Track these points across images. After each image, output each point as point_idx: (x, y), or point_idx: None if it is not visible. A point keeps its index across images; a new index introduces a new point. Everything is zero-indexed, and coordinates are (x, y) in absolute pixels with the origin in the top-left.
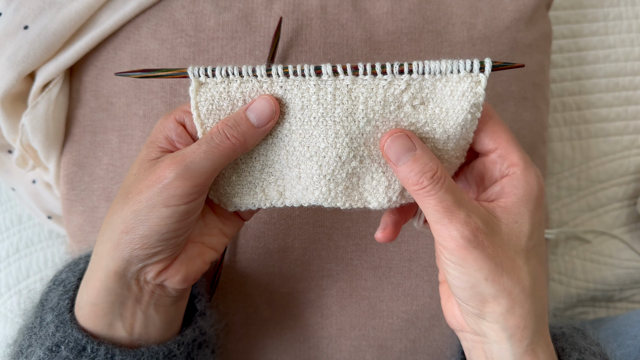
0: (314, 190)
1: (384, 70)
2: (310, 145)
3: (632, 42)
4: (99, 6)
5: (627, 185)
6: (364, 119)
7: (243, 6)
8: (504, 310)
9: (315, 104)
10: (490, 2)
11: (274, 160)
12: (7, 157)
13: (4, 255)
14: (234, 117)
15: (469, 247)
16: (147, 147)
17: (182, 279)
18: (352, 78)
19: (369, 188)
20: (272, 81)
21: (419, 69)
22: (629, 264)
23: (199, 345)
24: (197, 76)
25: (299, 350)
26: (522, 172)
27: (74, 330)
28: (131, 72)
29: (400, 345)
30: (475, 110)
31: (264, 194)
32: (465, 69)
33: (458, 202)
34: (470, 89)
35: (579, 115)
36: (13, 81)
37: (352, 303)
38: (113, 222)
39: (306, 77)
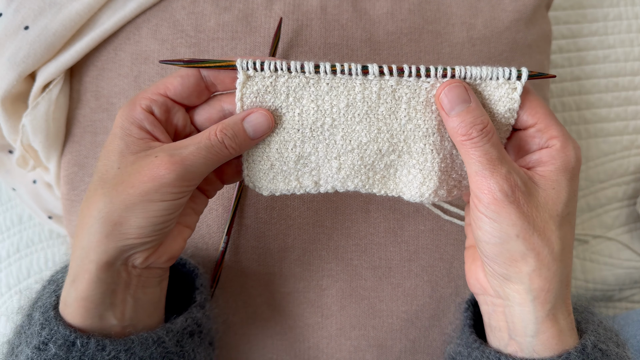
0: (354, 178)
1: (428, 73)
2: (352, 139)
3: (632, 42)
4: (99, 6)
5: (626, 185)
6: (405, 117)
7: (243, 7)
8: (531, 270)
9: (360, 102)
10: (490, 2)
11: (310, 152)
12: (7, 158)
13: (5, 255)
14: (233, 128)
15: (506, 201)
16: (121, 139)
17: (168, 258)
18: (397, 79)
19: (405, 180)
20: (320, 78)
21: (461, 73)
22: (629, 264)
23: (190, 334)
24: (246, 69)
25: (299, 350)
26: (562, 144)
27: (61, 326)
28: (177, 61)
29: (400, 345)
30: (509, 116)
31: (298, 182)
32: (504, 76)
33: (502, 158)
34: (507, 94)
35: (579, 116)
36: (13, 81)
37: (352, 303)
38: (101, 215)
39: (353, 76)
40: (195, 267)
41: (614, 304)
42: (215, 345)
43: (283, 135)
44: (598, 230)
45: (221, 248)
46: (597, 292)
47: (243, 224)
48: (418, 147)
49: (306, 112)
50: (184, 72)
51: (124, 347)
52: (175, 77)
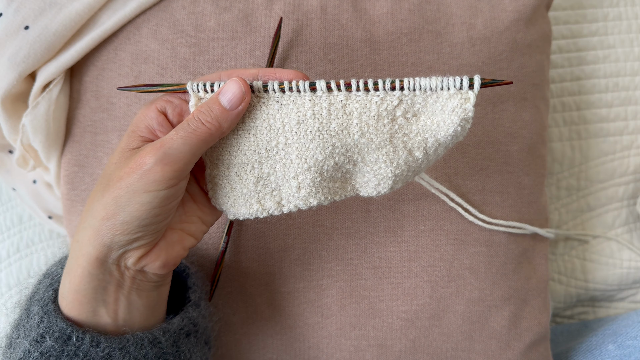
0: (316, 194)
1: (376, 87)
2: (307, 157)
3: (632, 42)
4: (99, 6)
5: (626, 185)
6: (358, 132)
7: (243, 6)
8: None
9: (311, 118)
10: (490, 2)
11: (269, 172)
12: (7, 157)
13: (5, 255)
14: (207, 103)
15: None
16: (128, 137)
17: (162, 264)
18: (346, 94)
19: (360, 182)
20: (269, 96)
21: (410, 85)
22: (629, 264)
23: (187, 334)
24: (197, 91)
25: (299, 350)
26: None
27: (58, 320)
28: (133, 87)
29: (400, 345)
30: (465, 124)
31: (260, 205)
32: (455, 87)
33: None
34: (460, 105)
35: (579, 116)
36: (14, 81)
37: (352, 303)
38: (94, 210)
39: (301, 93)
40: (187, 267)
41: (614, 304)
42: (212, 345)
43: (240, 157)
44: (598, 230)
45: (221, 248)
46: (597, 292)
47: (243, 224)
48: (372, 158)
49: (260, 132)
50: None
51: (118, 345)
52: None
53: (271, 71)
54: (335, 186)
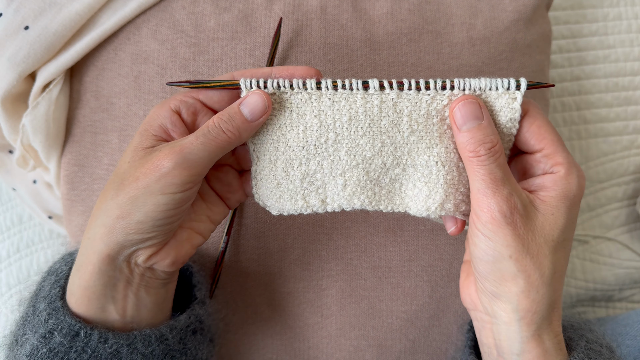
0: (360, 195)
1: (428, 85)
2: (356, 154)
3: (632, 43)
4: (99, 7)
5: (626, 185)
6: (408, 129)
7: (243, 7)
8: (520, 291)
9: (362, 115)
10: (489, 2)
11: (316, 170)
12: (7, 157)
13: (5, 255)
14: (229, 111)
15: (503, 222)
16: (140, 135)
17: (171, 262)
18: (397, 92)
19: (410, 194)
20: (321, 93)
21: (460, 85)
22: (629, 264)
23: (193, 331)
24: (249, 88)
25: (299, 350)
26: (566, 172)
27: (67, 316)
28: (184, 82)
29: (400, 345)
30: (511, 126)
31: (305, 201)
32: (503, 87)
33: (505, 179)
34: (508, 104)
35: (579, 116)
36: (14, 81)
37: (351, 303)
38: (108, 208)
39: (354, 91)
40: (190, 265)
41: (614, 304)
42: (216, 343)
43: (289, 153)
44: (598, 230)
45: (221, 248)
46: (597, 292)
47: (243, 224)
48: (422, 160)
49: (310, 128)
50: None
51: (126, 341)
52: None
53: (284, 68)
54: (382, 192)
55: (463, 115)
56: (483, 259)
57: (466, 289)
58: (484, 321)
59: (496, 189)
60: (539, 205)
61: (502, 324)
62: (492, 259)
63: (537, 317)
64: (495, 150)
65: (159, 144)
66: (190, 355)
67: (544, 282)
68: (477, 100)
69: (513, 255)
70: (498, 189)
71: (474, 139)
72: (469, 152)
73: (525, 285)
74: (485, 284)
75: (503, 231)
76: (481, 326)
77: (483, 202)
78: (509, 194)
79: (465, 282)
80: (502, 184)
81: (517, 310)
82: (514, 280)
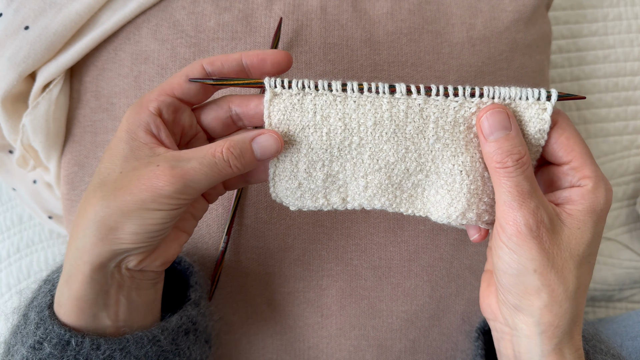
0: (380, 197)
1: (456, 92)
2: (379, 158)
3: (632, 43)
4: (99, 7)
5: (626, 185)
6: (433, 136)
7: (243, 7)
8: (543, 305)
9: (387, 120)
10: (489, 2)
11: (338, 171)
12: (7, 157)
13: (5, 255)
14: (240, 147)
15: (529, 235)
16: (127, 144)
17: (162, 263)
18: (425, 98)
19: (432, 200)
20: (347, 96)
21: (489, 93)
22: (629, 264)
23: (186, 332)
24: (274, 87)
25: (299, 350)
26: (594, 186)
27: (55, 325)
28: (207, 79)
29: (400, 345)
30: (539, 137)
31: (326, 199)
32: (534, 97)
33: (532, 192)
34: (537, 115)
35: (579, 116)
36: (14, 81)
37: (351, 303)
38: (98, 218)
39: (380, 94)
40: (190, 265)
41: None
42: (212, 343)
43: (311, 155)
44: None
45: (221, 248)
46: (597, 292)
47: (243, 224)
48: (446, 168)
49: (334, 130)
50: (189, 70)
51: (119, 346)
52: (181, 75)
53: (253, 54)
54: (403, 196)
55: (491, 125)
56: (507, 272)
57: (486, 299)
58: (504, 332)
59: (523, 202)
60: (566, 219)
61: (522, 336)
62: (516, 272)
63: (559, 331)
64: (523, 162)
65: (151, 152)
66: (183, 356)
67: (567, 297)
68: (506, 109)
69: (538, 270)
70: (525, 202)
71: (501, 150)
72: (495, 163)
73: (548, 300)
74: (507, 296)
75: (528, 245)
76: (500, 337)
77: (509, 214)
78: (535, 207)
79: (485, 292)
80: (529, 196)
81: (539, 324)
82: (538, 294)
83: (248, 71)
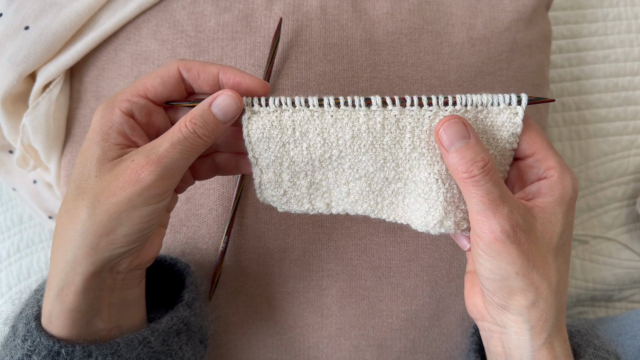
0: (362, 203)
1: (430, 102)
2: (359, 169)
3: (632, 43)
4: (99, 7)
5: (626, 185)
6: (410, 146)
7: (243, 7)
8: (529, 304)
9: (365, 132)
10: (489, 2)
11: (321, 179)
12: (8, 158)
13: (5, 255)
14: (202, 116)
15: (507, 241)
16: (98, 145)
17: (150, 259)
18: (400, 109)
19: (413, 208)
20: (324, 110)
21: (462, 101)
22: (628, 264)
23: (177, 332)
24: (251, 105)
25: (299, 350)
26: (559, 175)
27: (43, 337)
28: (182, 102)
29: (400, 345)
30: (513, 140)
31: (311, 204)
32: (505, 102)
33: (503, 197)
34: (509, 119)
35: (579, 116)
36: (14, 81)
37: (351, 303)
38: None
39: (356, 108)
40: (187, 266)
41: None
42: (208, 343)
43: (294, 168)
44: (598, 230)
45: (221, 248)
46: (597, 292)
47: (243, 224)
48: (423, 176)
49: (313, 145)
50: (164, 73)
51: (110, 350)
52: (155, 77)
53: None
54: (385, 203)
55: (449, 136)
56: (490, 277)
57: (471, 300)
58: (492, 331)
59: (496, 209)
60: (537, 213)
61: (512, 333)
62: (499, 277)
63: (547, 325)
64: (489, 169)
65: (125, 152)
66: (175, 356)
67: (552, 291)
68: (461, 119)
69: (520, 272)
70: (498, 209)
71: (465, 159)
72: (462, 173)
73: (534, 298)
74: (493, 298)
75: (508, 250)
76: (489, 335)
77: (484, 223)
78: (509, 212)
79: (470, 293)
80: (501, 202)
81: (528, 321)
82: (523, 294)
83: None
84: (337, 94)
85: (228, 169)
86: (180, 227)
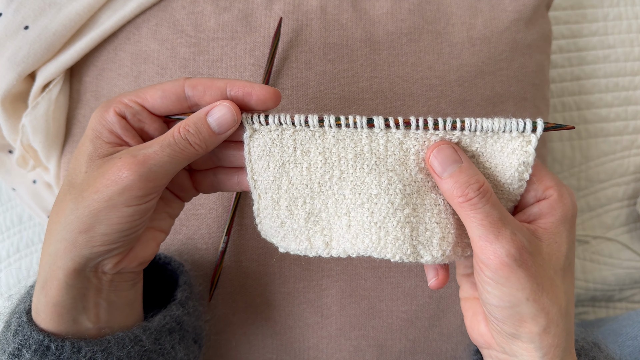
0: (363, 238)
1: (437, 126)
2: (362, 192)
3: (632, 42)
4: (99, 6)
5: (626, 185)
6: (415, 167)
7: (243, 6)
8: (541, 330)
9: (368, 153)
10: (490, 2)
11: (321, 208)
12: (7, 157)
13: (5, 255)
14: (195, 123)
15: (514, 265)
16: (91, 142)
17: (139, 264)
18: (404, 132)
19: (422, 240)
20: (325, 131)
21: (471, 126)
22: (629, 264)
23: (170, 331)
24: (252, 123)
25: (298, 350)
26: (558, 194)
27: (34, 331)
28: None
29: (400, 345)
30: (523, 170)
31: (309, 242)
32: (518, 129)
33: (504, 219)
34: (521, 147)
35: (579, 116)
36: (13, 81)
37: (351, 303)
38: (68, 222)
39: (358, 129)
40: (180, 265)
41: (614, 304)
42: (203, 343)
43: (292, 191)
44: (598, 231)
45: (221, 248)
46: (597, 292)
47: (243, 224)
48: (430, 199)
49: (314, 165)
50: (168, 87)
51: (100, 347)
52: (157, 90)
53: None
54: (389, 238)
55: (441, 162)
56: (499, 305)
57: (475, 329)
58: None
59: (498, 232)
60: (542, 234)
61: None
62: (509, 304)
63: (559, 350)
64: (485, 190)
65: (115, 150)
66: (168, 355)
67: (562, 315)
68: (450, 144)
69: (530, 297)
70: (500, 232)
71: (459, 183)
72: (457, 198)
73: (545, 323)
74: (502, 326)
75: (516, 275)
76: None
77: (488, 248)
78: (512, 234)
79: (472, 321)
80: (502, 224)
81: (540, 348)
82: (534, 320)
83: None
84: (337, 94)
85: (229, 184)
86: (180, 227)
